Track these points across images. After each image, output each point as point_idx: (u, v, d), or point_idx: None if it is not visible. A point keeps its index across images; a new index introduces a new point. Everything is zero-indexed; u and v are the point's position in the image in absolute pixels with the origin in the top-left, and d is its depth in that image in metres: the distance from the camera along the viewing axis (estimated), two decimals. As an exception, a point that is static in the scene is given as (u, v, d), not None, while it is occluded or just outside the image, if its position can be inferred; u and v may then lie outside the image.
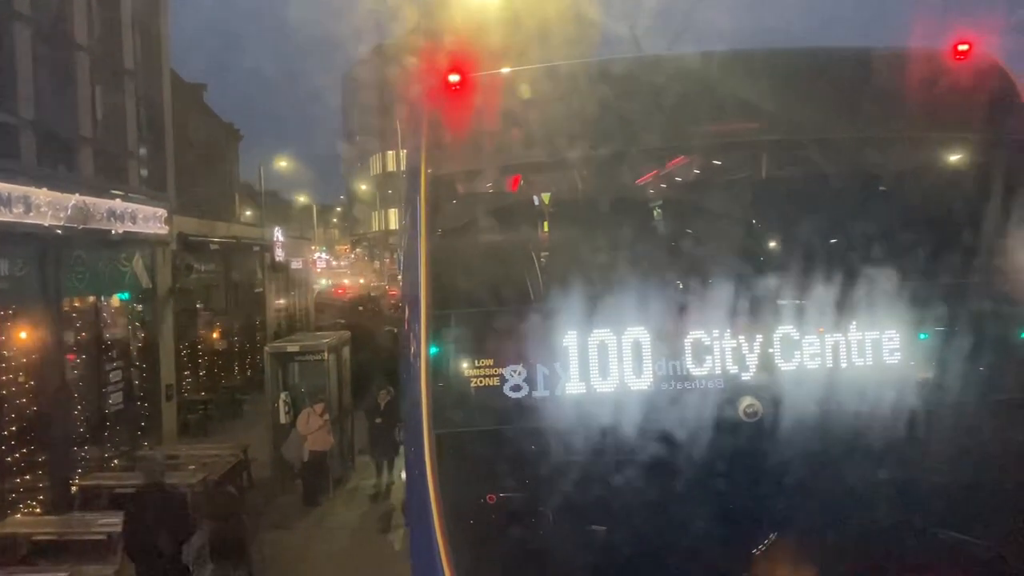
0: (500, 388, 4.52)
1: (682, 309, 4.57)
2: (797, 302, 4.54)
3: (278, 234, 30.62)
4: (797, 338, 4.52)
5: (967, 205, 4.91)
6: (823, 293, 4.50)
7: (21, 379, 13.00)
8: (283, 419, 14.74)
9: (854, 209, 4.97)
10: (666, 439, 4.40)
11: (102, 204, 14.97)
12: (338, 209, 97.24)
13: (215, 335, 23.60)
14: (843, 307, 4.50)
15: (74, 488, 13.35)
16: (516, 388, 4.51)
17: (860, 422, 4.54)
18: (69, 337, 14.43)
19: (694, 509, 4.45)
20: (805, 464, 4.51)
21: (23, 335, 13.05)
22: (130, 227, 16.08)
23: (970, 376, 4.63)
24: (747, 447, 4.45)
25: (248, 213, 41.02)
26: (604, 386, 4.49)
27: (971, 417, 4.65)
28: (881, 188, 5.30)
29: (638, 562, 4.47)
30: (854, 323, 4.52)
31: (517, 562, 4.63)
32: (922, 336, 4.62)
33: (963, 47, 4.97)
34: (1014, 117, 4.96)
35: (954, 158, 5.35)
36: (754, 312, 4.53)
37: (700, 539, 4.41)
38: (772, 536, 4.54)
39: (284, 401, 14.91)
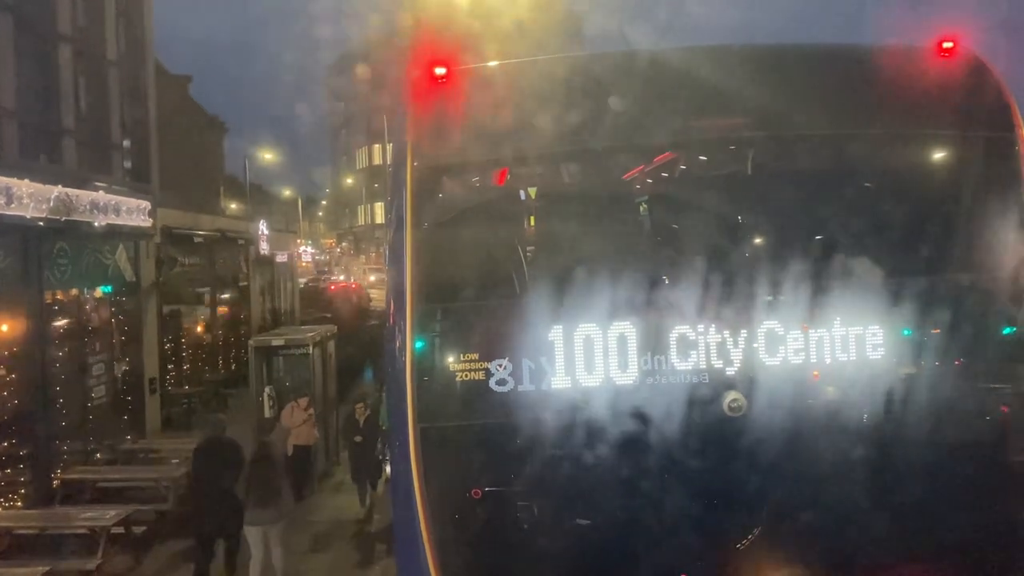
0: (486, 382, 4.51)
1: (668, 304, 4.58)
2: (782, 298, 4.56)
3: (263, 227, 30.45)
4: (781, 333, 4.53)
5: (952, 202, 4.94)
6: (808, 289, 4.52)
7: (2, 372, 12.90)
8: (268, 413, 14.64)
9: (838, 205, 4.98)
10: (651, 433, 4.41)
11: (85, 196, 14.82)
12: (324, 203, 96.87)
13: (199, 328, 23.46)
14: (827, 303, 4.52)
15: (56, 482, 13.28)
16: (502, 382, 4.51)
17: (843, 417, 4.57)
18: (51, 330, 14.31)
19: (679, 502, 4.47)
20: (790, 458, 4.53)
21: (4, 328, 12.94)
22: (113, 219, 15.93)
23: (955, 371, 4.67)
24: (731, 441, 4.46)
25: (233, 206, 40.81)
26: (589, 380, 4.49)
27: (956, 412, 4.69)
28: (866, 185, 5.33)
29: (624, 556, 4.48)
30: (838, 319, 4.54)
31: (502, 556, 4.63)
32: (905, 332, 4.65)
33: (948, 44, 4.99)
34: (998, 114, 4.99)
35: (938, 155, 5.37)
36: (739, 307, 4.54)
37: (684, 532, 4.43)
38: (756, 530, 4.57)
39: (269, 395, 14.81)
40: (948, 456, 4.63)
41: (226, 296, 26.05)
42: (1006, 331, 4.86)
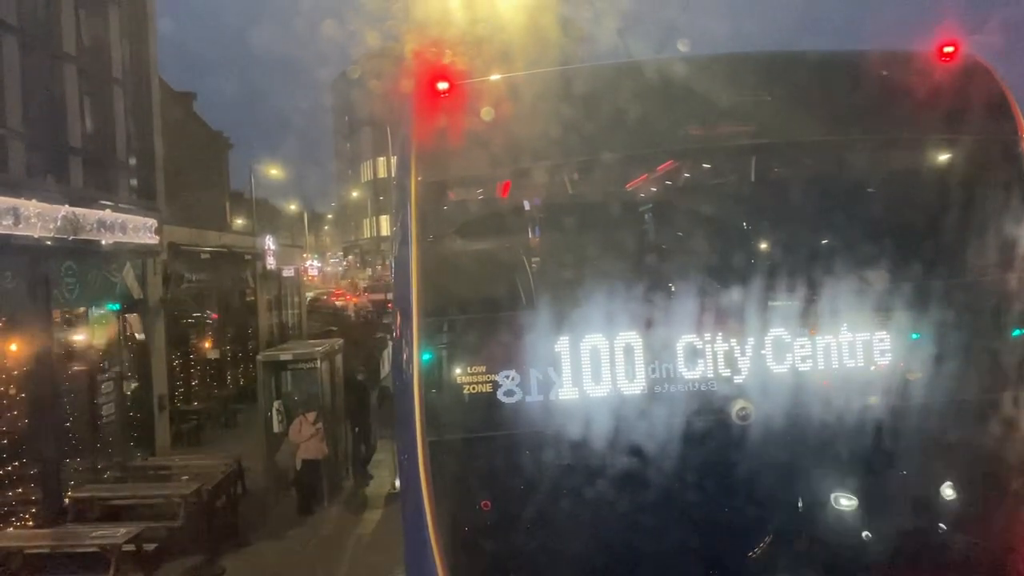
0: (493, 394, 4.51)
1: (674, 313, 4.57)
2: (788, 304, 4.56)
3: (269, 242, 30.49)
4: (788, 340, 4.53)
5: (955, 206, 4.93)
6: (813, 295, 4.52)
7: (12, 391, 12.93)
8: (276, 428, 14.67)
9: (841, 212, 4.98)
10: (659, 443, 4.40)
11: (92, 215, 14.89)
12: (329, 216, 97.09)
13: (207, 344, 23.51)
14: (834, 309, 4.51)
15: (66, 500, 13.27)
16: (509, 394, 4.50)
17: (852, 423, 4.55)
18: (60, 349, 14.34)
19: (692, 512, 4.46)
20: (799, 466, 4.52)
21: (13, 347, 12.97)
22: (120, 237, 15.99)
23: (964, 375, 4.65)
24: (740, 449, 4.45)
25: (239, 221, 40.93)
26: (597, 390, 4.49)
27: (965, 416, 4.67)
28: (869, 190, 5.33)
29: (635, 566, 4.47)
30: (845, 324, 4.54)
31: (512, 569, 4.62)
32: (913, 336, 4.64)
33: (949, 48, 4.99)
34: (1000, 117, 4.98)
35: (942, 160, 5.37)
36: (746, 315, 4.53)
37: (693, 543, 4.41)
38: (767, 539, 4.55)
39: (277, 410, 14.83)
40: (959, 459, 4.62)
41: (233, 311, 26.10)
42: (1016, 333, 4.85)
